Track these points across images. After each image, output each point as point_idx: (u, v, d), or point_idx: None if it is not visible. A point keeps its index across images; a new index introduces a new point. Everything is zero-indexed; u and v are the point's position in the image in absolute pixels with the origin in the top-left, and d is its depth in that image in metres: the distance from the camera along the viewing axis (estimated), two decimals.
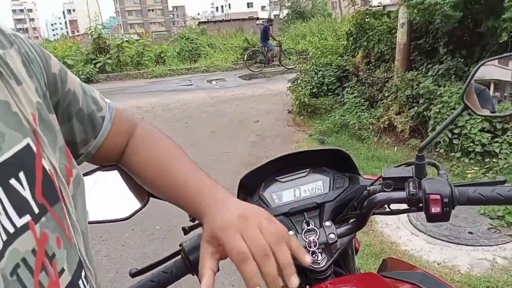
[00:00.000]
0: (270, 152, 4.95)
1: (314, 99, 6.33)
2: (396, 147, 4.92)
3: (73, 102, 0.61)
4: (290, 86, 6.87)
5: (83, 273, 0.51)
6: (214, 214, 0.58)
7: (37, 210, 0.44)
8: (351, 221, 0.92)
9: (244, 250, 0.52)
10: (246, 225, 0.55)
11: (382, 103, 5.44)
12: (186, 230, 0.84)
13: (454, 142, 4.11)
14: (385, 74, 5.73)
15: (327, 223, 0.89)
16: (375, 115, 5.32)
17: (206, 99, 9.10)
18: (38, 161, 0.45)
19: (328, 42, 7.59)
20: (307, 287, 0.88)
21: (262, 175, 1.02)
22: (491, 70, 0.96)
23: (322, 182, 0.99)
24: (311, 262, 0.85)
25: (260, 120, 6.50)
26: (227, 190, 0.66)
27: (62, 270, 0.46)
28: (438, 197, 0.76)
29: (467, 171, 3.68)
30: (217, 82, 12.60)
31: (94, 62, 14.23)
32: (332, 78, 6.49)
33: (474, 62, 4.83)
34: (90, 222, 0.67)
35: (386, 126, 5.18)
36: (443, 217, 0.77)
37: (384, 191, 0.84)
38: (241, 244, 0.53)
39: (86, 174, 0.83)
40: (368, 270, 2.61)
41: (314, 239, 0.85)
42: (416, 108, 4.81)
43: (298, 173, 1.02)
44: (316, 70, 6.70)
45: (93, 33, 14.76)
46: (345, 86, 6.33)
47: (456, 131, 4.13)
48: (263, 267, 0.52)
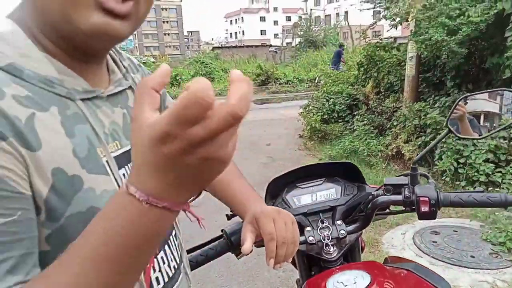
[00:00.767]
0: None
1: (325, 125, 6.56)
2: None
3: None
4: (301, 112, 7.13)
5: (173, 232, 0.72)
6: (256, 206, 0.86)
7: None
8: (358, 221, 1.13)
9: (273, 232, 0.79)
10: (278, 217, 0.82)
11: (391, 132, 5.64)
12: (229, 217, 1.05)
13: (460, 171, 4.28)
14: (394, 104, 5.96)
15: (339, 222, 1.10)
16: (384, 143, 5.51)
17: None
18: None
19: (339, 72, 7.87)
20: None
21: (285, 182, 1.24)
22: (483, 103, 1.18)
23: (335, 189, 1.21)
24: (324, 253, 1.06)
25: (271, 143, 6.74)
26: None
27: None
28: (426, 199, 0.97)
29: None
30: None
31: None
32: (342, 106, 6.74)
33: None
34: None
35: (394, 153, 5.37)
36: (431, 215, 0.98)
37: (385, 195, 1.05)
38: (272, 227, 0.80)
39: None
40: None
41: (327, 234, 1.06)
42: (423, 137, 5.01)
43: (315, 181, 1.24)
44: (327, 98, 6.96)
45: None
46: (355, 114, 6.56)
47: (461, 161, 4.31)
48: (279, 250, 0.79)
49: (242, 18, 79.26)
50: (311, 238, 1.05)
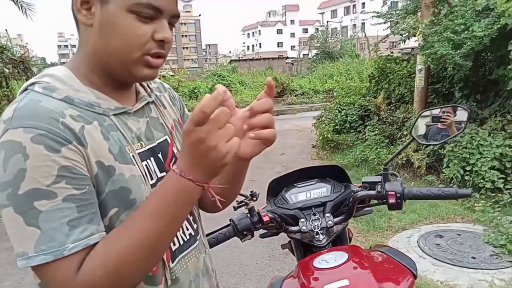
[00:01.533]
0: None
1: (337, 135, 6.78)
2: (413, 182, 5.25)
3: None
4: (314, 123, 7.37)
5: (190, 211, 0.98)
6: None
7: (167, 171, 0.86)
8: (344, 213, 1.38)
9: None
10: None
11: (401, 141, 5.83)
12: (235, 208, 1.32)
13: (466, 178, 4.44)
14: (404, 114, 6.14)
15: (327, 214, 1.36)
16: (394, 152, 5.69)
17: None
18: (171, 147, 0.93)
19: (352, 84, 8.11)
20: None
21: (285, 182, 1.50)
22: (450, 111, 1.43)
23: (326, 188, 1.47)
24: (315, 240, 1.31)
25: (285, 153, 6.99)
26: None
27: None
28: (393, 193, 1.23)
29: (476, 205, 3.99)
30: None
31: None
32: (354, 117, 6.95)
33: (488, 106, 5.21)
34: None
35: (404, 162, 5.54)
36: (398, 206, 1.24)
37: (362, 191, 1.31)
38: None
39: None
40: None
41: (318, 224, 1.33)
42: (432, 146, 5.18)
43: (310, 181, 1.50)
44: (339, 109, 7.19)
45: None
46: (366, 124, 6.76)
47: (467, 168, 4.46)
48: None
49: (259, 31, 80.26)
50: (304, 228, 1.32)
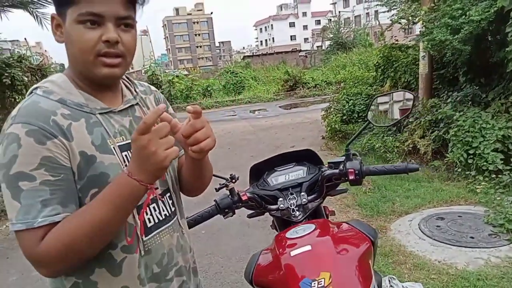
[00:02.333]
0: None
1: (345, 125, 6.88)
2: (419, 168, 5.31)
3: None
4: (323, 114, 7.48)
5: (168, 194, 1.14)
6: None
7: None
8: (317, 192, 1.54)
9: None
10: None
11: (408, 128, 5.89)
12: (216, 189, 1.50)
13: (469, 161, 4.50)
14: (415, 102, 6.19)
15: (303, 193, 1.53)
16: (401, 139, 5.76)
17: (248, 128, 9.91)
18: None
19: (358, 74, 8.16)
20: None
21: (265, 167, 1.68)
22: (398, 96, 1.58)
23: (302, 170, 1.63)
24: (292, 216, 1.48)
25: (295, 145, 7.13)
26: None
27: (156, 187, 1.07)
28: (352, 170, 1.38)
29: (477, 186, 4.07)
30: (259, 112, 13.46)
31: None
32: (362, 106, 7.03)
33: (492, 89, 5.22)
34: None
35: (410, 149, 5.60)
36: (357, 182, 1.40)
37: (328, 170, 1.47)
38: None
39: None
40: (377, 266, 3.10)
41: (294, 202, 1.49)
42: (437, 132, 5.24)
43: (288, 165, 1.67)
44: (347, 99, 7.27)
45: (148, 71, 16.28)
46: None
47: (471, 152, 4.52)
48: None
49: (272, 25, 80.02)
50: (282, 206, 1.50)
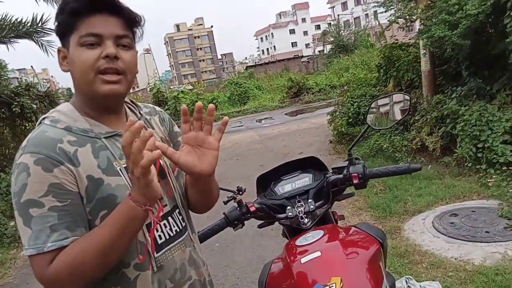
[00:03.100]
0: None
1: (352, 128, 6.88)
2: (430, 165, 5.28)
3: (178, 147, 1.21)
4: (329, 118, 7.49)
5: (177, 210, 1.16)
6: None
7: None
8: (324, 198, 1.56)
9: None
10: None
11: (415, 126, 5.87)
12: (225, 202, 1.53)
13: (479, 155, 4.47)
14: (415, 100, 6.17)
15: (310, 200, 1.55)
16: (408, 138, 5.74)
17: (255, 137, 9.95)
18: (157, 161, 1.10)
19: (361, 75, 8.17)
20: None
21: (272, 176, 1.70)
22: (397, 98, 1.60)
23: (308, 178, 1.66)
24: (301, 224, 1.49)
25: (303, 151, 7.15)
26: None
27: (165, 205, 1.10)
28: (356, 174, 1.41)
29: (488, 180, 4.03)
30: (265, 121, 13.50)
31: None
32: (367, 108, 7.01)
33: (496, 81, 5.19)
34: None
35: (419, 147, 5.57)
36: (362, 185, 1.42)
37: (333, 176, 1.49)
38: None
39: None
40: (393, 268, 3.09)
41: (302, 210, 1.51)
42: (444, 128, 5.21)
43: (294, 173, 1.70)
44: (352, 102, 7.28)
45: (153, 88, 16.48)
46: None
47: (479, 145, 4.49)
48: None
49: (272, 33, 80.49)
50: (290, 214, 1.52)
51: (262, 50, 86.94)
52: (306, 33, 76.78)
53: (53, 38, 7.67)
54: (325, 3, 69.12)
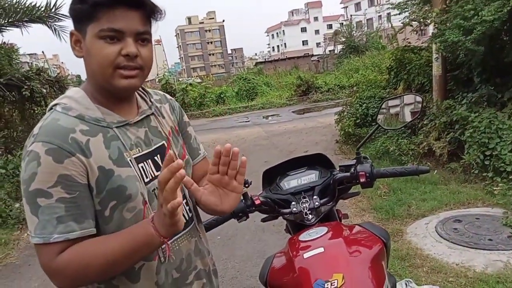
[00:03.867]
0: None
1: (359, 129, 6.86)
2: (436, 170, 5.25)
3: (187, 137, 1.26)
4: (336, 118, 7.47)
5: (184, 200, 1.16)
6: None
7: None
8: (329, 195, 1.56)
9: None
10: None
11: (423, 130, 5.83)
12: None
13: (486, 163, 4.44)
14: (424, 104, 6.13)
15: (315, 197, 1.55)
16: (415, 142, 5.70)
17: (261, 133, 9.95)
18: (167, 150, 1.12)
19: (371, 77, 8.13)
20: None
21: (278, 171, 1.70)
22: (408, 99, 1.59)
23: (314, 174, 1.65)
24: (306, 220, 1.49)
25: (309, 150, 7.13)
26: None
27: None
28: (363, 173, 1.40)
29: (494, 188, 4.01)
30: (272, 118, 13.49)
31: None
32: (375, 110, 6.98)
33: (508, 89, 5.14)
34: None
35: (426, 151, 5.54)
36: (369, 184, 1.42)
37: (340, 173, 1.49)
38: None
39: None
40: (393, 270, 3.09)
41: (306, 206, 1.52)
42: (452, 133, 5.18)
43: (301, 169, 1.69)
44: (360, 103, 7.25)
45: (162, 80, 16.53)
46: None
47: (487, 153, 4.46)
48: None
49: (283, 31, 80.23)
50: (295, 209, 1.52)
51: (273, 47, 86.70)
52: (317, 32, 76.44)
53: (66, 24, 7.71)
54: (338, 3, 68.69)
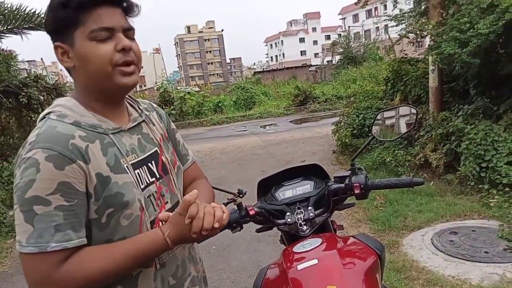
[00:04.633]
0: None
1: (356, 140, 6.87)
2: (432, 182, 5.25)
3: (175, 144, 1.27)
4: (333, 129, 7.48)
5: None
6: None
7: (158, 176, 1.10)
8: (324, 206, 1.55)
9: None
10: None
11: (419, 142, 5.85)
12: (225, 204, 1.52)
13: (482, 175, 4.44)
14: (421, 115, 6.16)
15: (310, 208, 1.54)
16: (412, 153, 5.72)
17: (258, 143, 9.94)
18: (160, 157, 1.13)
19: (368, 88, 8.18)
20: None
21: (273, 181, 1.70)
22: (403, 111, 1.60)
23: (309, 185, 1.65)
24: (300, 231, 1.49)
25: (306, 160, 7.13)
26: None
27: (166, 202, 1.11)
28: (358, 184, 1.40)
29: (490, 200, 4.01)
30: (269, 127, 13.50)
31: None
32: (372, 120, 7.01)
33: (504, 102, 5.18)
34: None
35: (422, 162, 5.55)
36: (363, 196, 1.41)
37: (334, 184, 1.48)
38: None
39: None
40: (389, 282, 3.07)
41: (301, 216, 1.51)
42: (448, 145, 5.19)
43: (296, 180, 1.69)
44: (357, 113, 7.27)
45: (160, 88, 16.56)
46: None
47: (483, 165, 4.47)
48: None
49: (282, 41, 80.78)
50: (289, 220, 1.51)
51: (271, 57, 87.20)
52: (315, 42, 77.01)
53: None
54: (336, 14, 69.35)
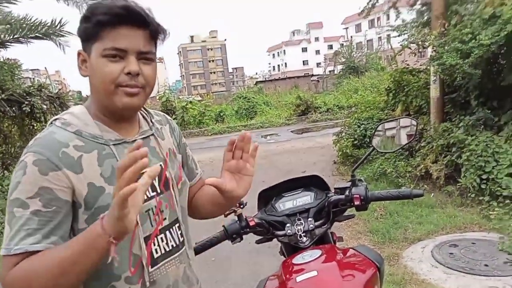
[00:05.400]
0: None
1: (357, 150, 6.87)
2: (432, 193, 5.23)
3: (185, 159, 1.27)
4: (334, 139, 7.49)
5: (177, 224, 1.14)
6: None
7: (159, 191, 1.08)
8: (324, 217, 1.55)
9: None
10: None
11: (420, 153, 5.84)
12: (225, 215, 1.52)
13: (482, 186, 4.43)
14: (422, 126, 6.16)
15: (310, 219, 1.54)
16: (413, 164, 5.70)
17: (259, 153, 9.87)
18: (164, 172, 1.11)
19: (370, 98, 8.19)
20: None
21: (274, 192, 1.70)
22: (404, 122, 1.60)
23: (309, 196, 1.65)
24: (300, 242, 1.48)
25: (307, 170, 7.11)
26: None
27: (165, 218, 1.09)
28: (358, 196, 1.40)
29: (491, 212, 3.99)
30: (270, 137, 13.51)
31: None
32: (373, 130, 7.01)
33: (505, 113, 5.18)
34: None
35: (423, 174, 5.53)
36: (363, 207, 1.41)
37: (334, 195, 1.49)
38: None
39: None
40: None
41: (301, 228, 1.51)
42: (449, 156, 5.18)
43: (296, 191, 1.69)
44: (359, 124, 7.28)
45: (162, 97, 16.64)
46: None
47: (484, 177, 4.45)
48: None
49: (284, 50, 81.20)
50: (289, 231, 1.51)
51: (273, 66, 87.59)
52: (318, 52, 77.36)
53: (69, 39, 7.80)
54: (339, 24, 69.79)
